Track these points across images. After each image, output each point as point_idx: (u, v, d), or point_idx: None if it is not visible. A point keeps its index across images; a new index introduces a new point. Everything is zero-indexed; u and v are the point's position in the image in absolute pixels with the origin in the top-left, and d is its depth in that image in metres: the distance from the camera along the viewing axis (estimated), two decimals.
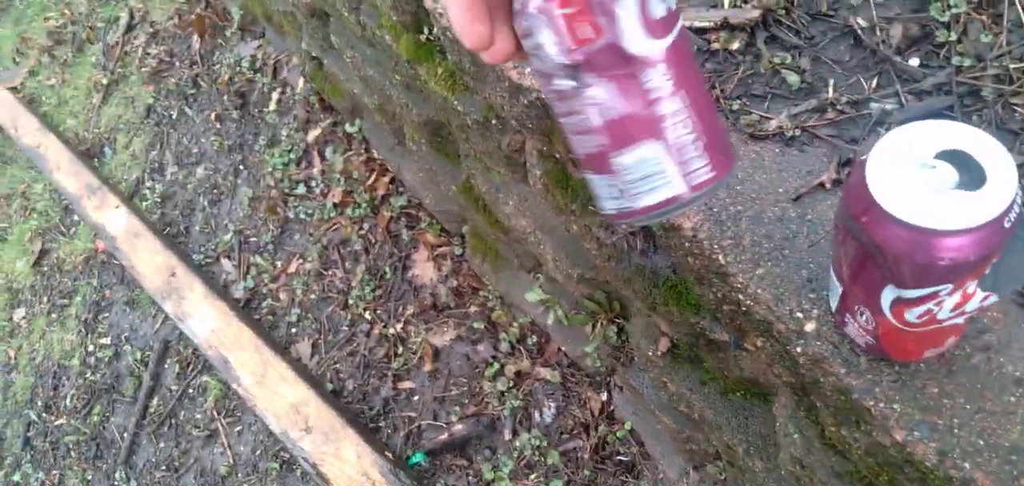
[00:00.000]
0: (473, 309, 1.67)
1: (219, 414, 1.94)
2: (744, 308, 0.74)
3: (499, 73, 0.96)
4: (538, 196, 1.13)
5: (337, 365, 1.81)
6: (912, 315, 0.55)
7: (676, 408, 1.11)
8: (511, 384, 1.57)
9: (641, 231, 0.94)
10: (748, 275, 0.73)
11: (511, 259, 1.51)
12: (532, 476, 1.49)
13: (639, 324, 1.13)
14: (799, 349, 0.70)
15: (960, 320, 0.56)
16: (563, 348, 1.51)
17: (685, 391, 1.05)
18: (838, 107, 0.78)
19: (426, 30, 1.16)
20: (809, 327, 0.69)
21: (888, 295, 0.54)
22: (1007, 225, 0.47)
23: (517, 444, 1.52)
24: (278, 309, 1.95)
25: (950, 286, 0.51)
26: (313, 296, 1.90)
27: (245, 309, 2.00)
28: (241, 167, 2.17)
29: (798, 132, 0.78)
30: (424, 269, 1.76)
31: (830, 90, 0.79)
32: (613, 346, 1.25)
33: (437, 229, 1.77)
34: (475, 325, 1.65)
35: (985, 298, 0.52)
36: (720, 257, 0.74)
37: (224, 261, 2.09)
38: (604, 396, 1.46)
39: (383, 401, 1.72)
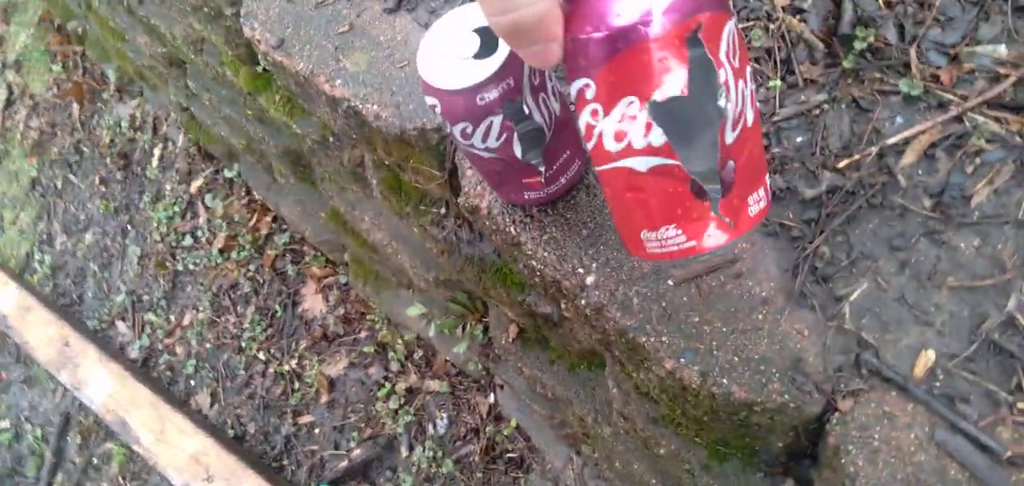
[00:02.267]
0: (363, 334, 1.68)
1: (125, 479, 1.90)
2: (538, 273, 0.79)
3: (317, 88, 1.00)
4: (382, 206, 1.16)
5: (238, 410, 1.80)
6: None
7: (535, 391, 1.15)
8: (403, 401, 1.58)
9: (465, 224, 0.98)
10: (536, 241, 0.77)
11: (389, 278, 1.54)
12: None
13: (493, 316, 1.17)
14: (583, 302, 0.74)
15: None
16: (448, 358, 1.54)
17: (537, 372, 1.09)
18: None
19: (261, 61, 1.19)
20: (589, 280, 0.74)
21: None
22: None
23: (414, 459, 1.53)
24: (175, 364, 1.93)
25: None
26: (208, 345, 1.89)
27: (143, 368, 1.97)
28: (128, 227, 2.15)
29: None
30: (313, 302, 1.77)
31: None
32: (482, 345, 1.28)
33: (322, 260, 1.79)
34: (365, 349, 1.67)
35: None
36: (511, 229, 0.79)
37: (119, 323, 2.06)
38: (491, 398, 1.49)
39: (284, 439, 1.71)
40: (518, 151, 0.68)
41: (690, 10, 0.42)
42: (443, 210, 1.00)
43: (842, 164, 0.68)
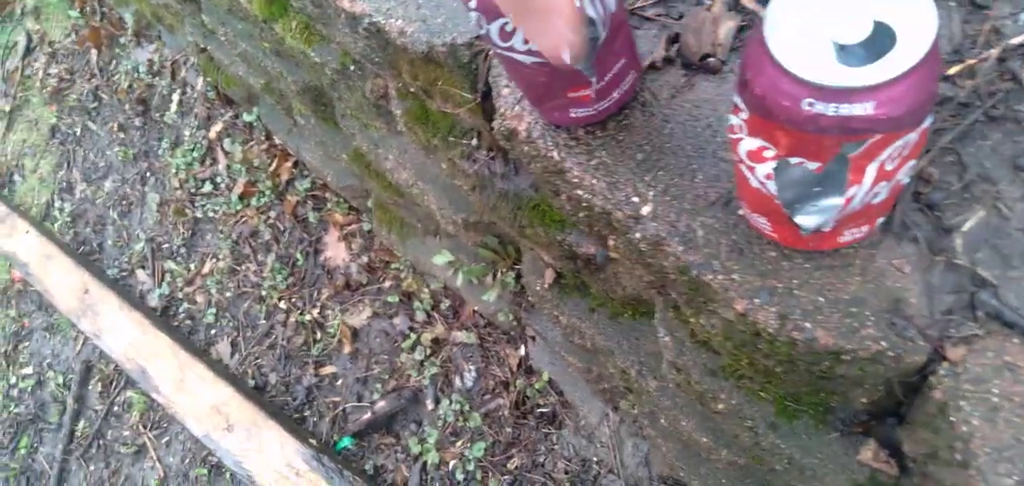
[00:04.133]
0: (387, 283, 1.61)
1: (146, 428, 1.86)
2: (584, 204, 0.69)
3: (335, 6, 0.90)
4: (408, 141, 1.07)
5: (258, 360, 1.74)
6: None
7: (572, 341, 1.06)
8: (429, 353, 1.51)
9: (499, 155, 0.89)
10: (583, 167, 0.68)
11: (414, 224, 1.45)
12: (458, 442, 1.43)
13: (527, 261, 1.08)
14: (638, 235, 0.65)
15: None
16: (476, 308, 1.46)
17: (576, 321, 1.01)
18: None
19: None
20: (645, 210, 0.64)
21: None
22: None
23: (440, 412, 1.46)
24: (195, 312, 1.87)
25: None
26: (229, 294, 1.83)
27: (162, 317, 1.92)
28: (148, 174, 2.08)
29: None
30: (336, 250, 1.69)
31: None
32: (513, 293, 1.20)
33: (345, 207, 1.71)
34: (390, 299, 1.59)
35: None
36: (554, 154, 0.69)
37: (139, 272, 2.01)
38: (522, 350, 1.41)
39: (306, 390, 1.65)
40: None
41: (863, 129, 0.38)
42: (475, 141, 0.90)
43: (953, 71, 0.57)
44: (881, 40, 0.38)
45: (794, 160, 0.42)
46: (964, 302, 0.52)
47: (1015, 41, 0.56)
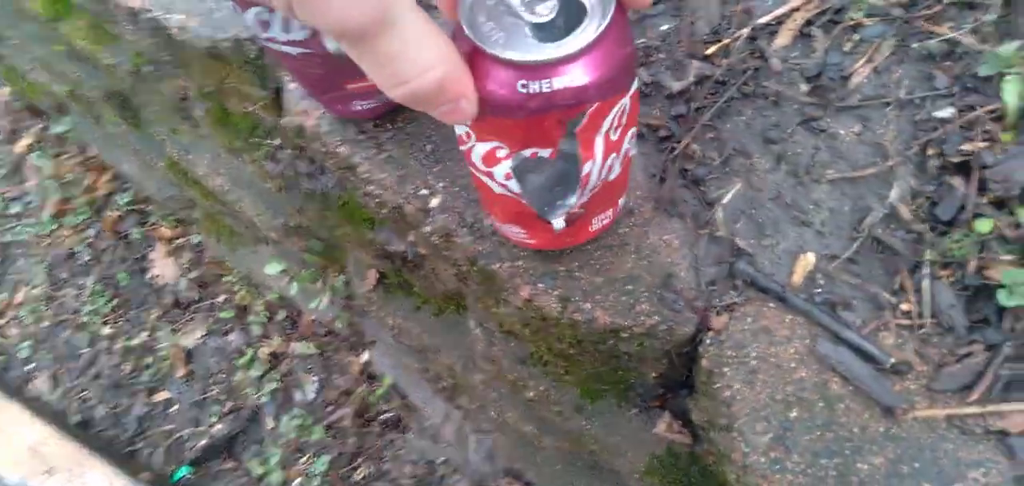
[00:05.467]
0: (220, 298, 1.52)
1: None
2: (377, 199, 0.67)
3: (115, 3, 0.83)
4: (216, 145, 1.01)
5: (83, 393, 1.59)
6: None
7: (403, 342, 1.04)
8: (268, 368, 1.44)
9: (303, 155, 0.85)
10: (372, 161, 0.66)
11: (243, 233, 1.38)
12: (302, 459, 1.37)
13: (351, 263, 1.04)
14: (428, 228, 0.63)
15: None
16: (314, 317, 1.41)
17: (402, 321, 0.98)
18: None
19: None
20: (434, 202, 0.63)
21: None
22: None
23: (282, 429, 1.39)
24: (8, 347, 1.69)
25: None
26: (46, 323, 1.66)
27: None
28: None
29: None
30: (163, 267, 1.58)
31: None
32: (344, 298, 1.16)
33: (172, 220, 1.60)
34: (223, 315, 1.51)
35: None
36: (343, 149, 0.67)
37: None
38: (365, 356, 1.37)
39: (137, 420, 1.53)
40: (331, 45, 0.55)
41: (576, 100, 0.38)
42: (278, 141, 0.86)
43: (711, 51, 0.59)
44: (571, 13, 0.38)
45: (528, 152, 0.42)
46: (725, 272, 0.54)
47: (763, 20, 0.59)
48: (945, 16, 0.56)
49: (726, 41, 0.59)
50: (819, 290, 0.52)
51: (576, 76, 0.37)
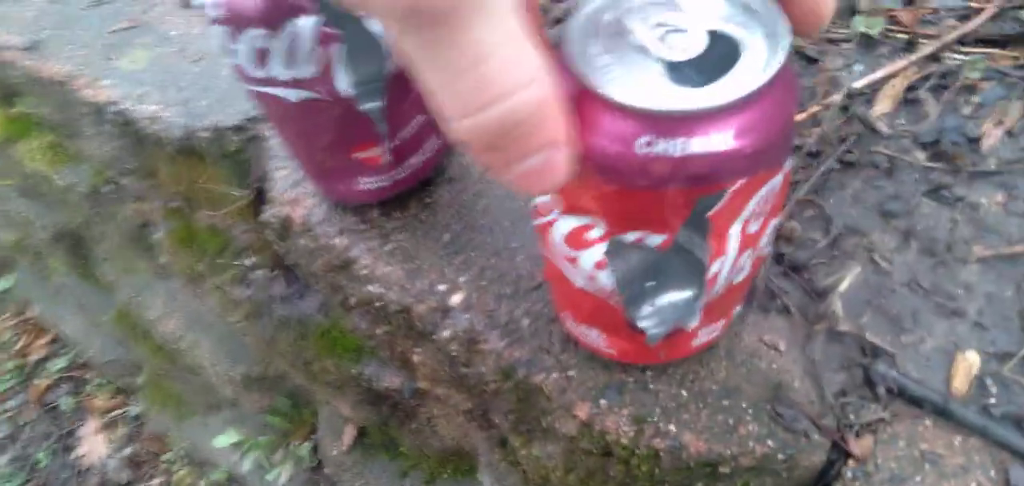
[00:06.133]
0: (155, 481, 1.29)
1: None
2: (378, 303, 0.53)
3: (78, 98, 0.72)
4: (175, 278, 0.86)
5: None
6: None
7: None
8: None
9: (281, 273, 0.71)
10: (375, 253, 0.52)
11: (193, 399, 1.19)
12: None
13: (324, 419, 0.87)
14: (447, 334, 0.49)
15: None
16: None
17: None
18: None
19: (9, 72, 0.89)
20: (455, 299, 0.49)
21: None
22: None
23: None
24: None
25: None
26: None
27: None
28: None
29: None
30: (92, 444, 1.36)
31: None
32: (309, 469, 0.97)
33: (110, 389, 1.40)
34: None
35: None
36: (338, 241, 0.53)
37: None
38: None
39: None
40: (343, 82, 0.44)
41: (717, 172, 0.26)
42: (250, 260, 0.72)
43: (797, 119, 0.49)
44: (720, 51, 0.27)
45: (632, 236, 0.30)
46: (858, 379, 0.41)
47: (857, 85, 0.50)
48: None
49: (815, 109, 0.49)
50: (993, 400, 0.39)
51: (723, 139, 0.25)
